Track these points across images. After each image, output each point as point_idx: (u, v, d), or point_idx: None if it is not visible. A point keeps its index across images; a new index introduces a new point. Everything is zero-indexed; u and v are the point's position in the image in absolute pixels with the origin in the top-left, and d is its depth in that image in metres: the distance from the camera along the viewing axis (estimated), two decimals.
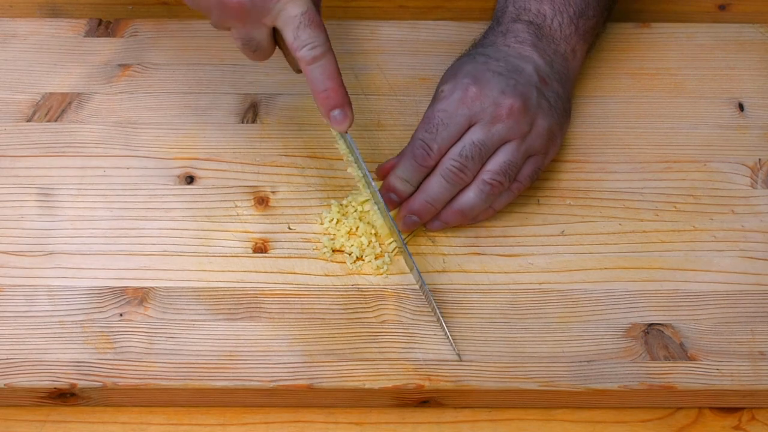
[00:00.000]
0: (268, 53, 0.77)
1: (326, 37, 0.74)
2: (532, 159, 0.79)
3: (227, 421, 0.74)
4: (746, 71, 0.92)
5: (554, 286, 0.78)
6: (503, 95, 0.77)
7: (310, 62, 0.74)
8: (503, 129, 0.77)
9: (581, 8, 0.84)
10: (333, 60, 0.74)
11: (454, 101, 0.77)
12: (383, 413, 0.75)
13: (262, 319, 0.76)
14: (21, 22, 0.94)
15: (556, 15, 0.84)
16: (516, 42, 0.82)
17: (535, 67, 0.80)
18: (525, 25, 0.83)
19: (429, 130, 0.77)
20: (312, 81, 0.74)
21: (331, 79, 0.74)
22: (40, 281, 0.77)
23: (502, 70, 0.79)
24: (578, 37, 0.84)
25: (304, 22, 0.73)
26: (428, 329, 0.75)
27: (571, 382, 0.73)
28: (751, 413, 0.75)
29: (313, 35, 0.73)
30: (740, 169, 0.85)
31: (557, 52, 0.83)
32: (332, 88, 0.74)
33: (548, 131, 0.79)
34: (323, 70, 0.74)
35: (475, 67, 0.79)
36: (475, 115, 0.77)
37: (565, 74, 0.83)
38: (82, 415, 0.74)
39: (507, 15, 0.84)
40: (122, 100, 0.88)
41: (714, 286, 0.78)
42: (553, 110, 0.80)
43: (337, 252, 0.79)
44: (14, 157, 0.84)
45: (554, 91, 0.81)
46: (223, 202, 0.82)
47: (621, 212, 0.82)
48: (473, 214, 0.79)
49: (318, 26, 0.73)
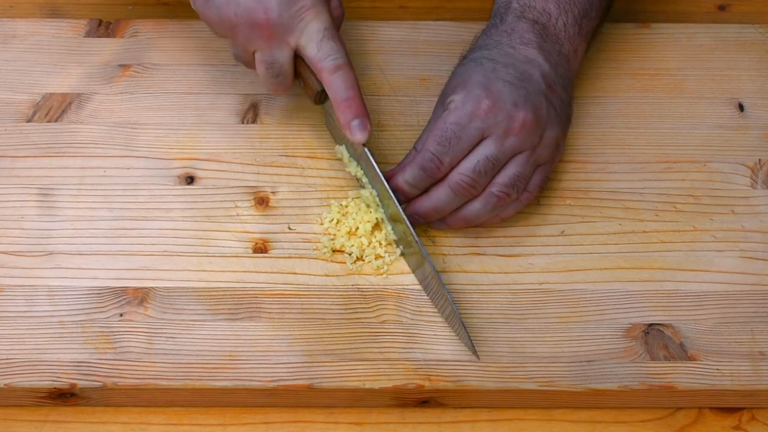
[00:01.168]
0: (289, 80, 0.81)
1: (346, 51, 0.78)
2: (541, 168, 0.79)
3: (227, 421, 0.74)
4: (746, 71, 0.92)
5: (554, 286, 0.78)
6: (516, 108, 0.76)
7: (332, 71, 0.77)
8: (515, 142, 0.76)
9: (585, 8, 0.84)
10: (353, 72, 0.78)
11: (467, 114, 0.76)
12: (383, 413, 0.75)
13: (262, 319, 0.76)
14: (21, 23, 0.94)
15: (561, 14, 0.83)
16: (521, 43, 0.81)
17: (541, 73, 0.80)
18: (530, 24, 0.82)
19: (441, 143, 0.76)
20: (334, 90, 0.78)
21: (352, 89, 0.78)
22: (40, 281, 0.77)
23: (512, 78, 0.78)
24: (581, 37, 0.84)
25: (327, 36, 0.77)
26: (428, 329, 0.75)
27: (571, 382, 0.73)
28: (751, 413, 0.75)
29: (334, 48, 0.78)
30: (740, 169, 0.85)
31: (561, 53, 0.83)
32: (353, 98, 0.78)
33: (555, 141, 0.79)
34: (344, 80, 0.78)
35: (486, 76, 0.78)
36: (488, 129, 0.76)
37: (567, 77, 0.83)
38: (82, 415, 0.74)
39: (511, 11, 0.83)
40: (122, 100, 0.88)
41: (714, 286, 0.78)
42: (559, 119, 0.80)
43: (337, 252, 0.79)
44: (14, 157, 0.84)
45: (559, 97, 0.81)
46: (223, 203, 0.82)
47: (621, 212, 0.82)
48: (478, 221, 0.79)
49: (339, 41, 0.78)
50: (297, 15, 0.77)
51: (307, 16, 0.77)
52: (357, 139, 0.78)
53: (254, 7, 0.76)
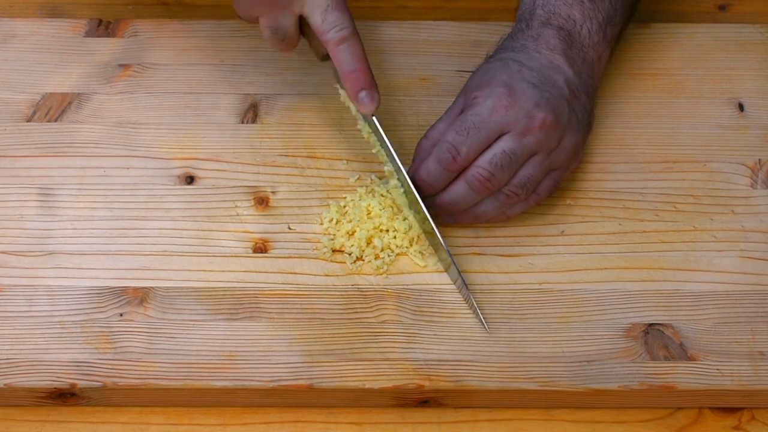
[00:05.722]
0: (295, 42, 0.79)
1: (352, 21, 0.76)
2: (553, 173, 0.79)
3: (227, 421, 0.74)
4: (746, 71, 0.92)
5: (554, 286, 0.78)
6: (537, 108, 0.76)
7: (338, 43, 0.76)
8: (533, 141, 0.76)
9: (610, 14, 0.84)
10: (359, 42, 0.76)
11: (488, 108, 0.76)
12: (383, 413, 0.75)
13: (262, 319, 0.76)
14: (21, 22, 0.94)
15: (585, 21, 0.83)
16: (547, 49, 0.81)
17: (565, 80, 0.80)
18: (555, 30, 0.82)
19: (460, 132, 0.76)
20: (340, 62, 0.76)
21: (360, 61, 0.76)
22: (40, 281, 0.77)
23: (536, 81, 0.78)
24: (605, 44, 0.84)
25: (332, 6, 0.75)
26: (428, 329, 0.75)
27: (571, 382, 0.73)
28: (751, 413, 0.75)
29: (340, 18, 0.75)
30: (740, 169, 0.85)
31: (585, 60, 0.82)
32: (360, 69, 0.76)
33: (574, 147, 0.79)
34: (351, 51, 0.76)
35: (510, 75, 0.78)
36: (507, 125, 0.76)
37: (591, 84, 0.83)
38: (82, 415, 0.74)
39: (536, 18, 0.83)
40: (122, 100, 0.88)
41: (714, 286, 0.78)
42: (580, 125, 0.80)
43: (337, 252, 0.79)
44: (14, 157, 0.84)
45: (582, 104, 0.80)
46: (223, 202, 0.82)
47: (621, 212, 0.82)
48: (485, 218, 0.79)
49: (344, 10, 0.76)
50: None
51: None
52: (365, 111, 0.77)
53: None
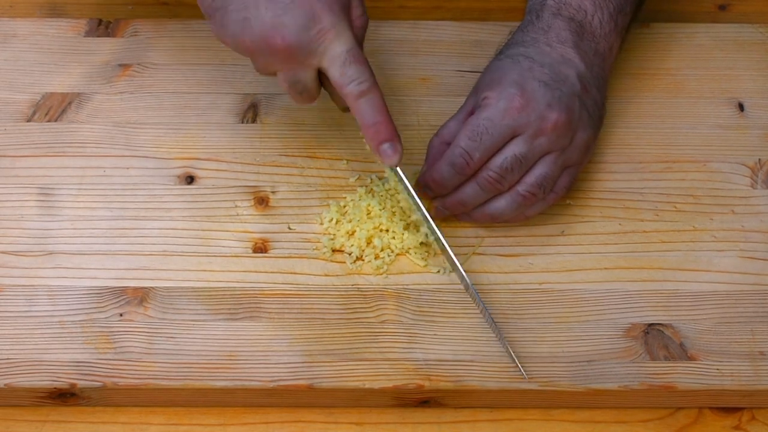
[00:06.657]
0: (315, 95, 0.77)
1: (372, 73, 0.74)
2: (569, 170, 0.79)
3: (227, 421, 0.74)
4: (746, 71, 0.92)
5: (554, 286, 0.78)
6: (549, 108, 0.76)
7: (358, 96, 0.74)
8: (545, 142, 0.76)
9: (620, 4, 0.84)
10: (380, 94, 0.74)
11: (500, 111, 0.76)
12: (383, 413, 0.75)
13: (262, 319, 0.76)
14: (21, 22, 0.94)
15: (596, 11, 0.82)
16: (558, 42, 0.81)
17: (577, 74, 0.79)
18: (566, 21, 0.82)
19: (472, 138, 0.76)
20: (361, 115, 0.74)
21: (381, 113, 0.74)
22: (40, 281, 0.77)
23: (548, 79, 0.78)
24: (616, 34, 0.84)
25: (350, 59, 0.73)
26: (428, 329, 0.75)
27: (571, 382, 0.73)
28: (751, 413, 0.75)
29: (359, 71, 0.73)
30: (740, 169, 0.85)
31: (597, 51, 0.82)
32: (381, 122, 0.74)
33: (586, 143, 0.79)
34: (371, 104, 0.74)
35: (521, 74, 0.78)
36: (519, 127, 0.76)
37: (602, 77, 0.83)
38: (82, 415, 0.74)
39: (547, 8, 0.83)
40: (122, 100, 0.88)
41: (714, 286, 0.78)
42: (591, 120, 0.79)
43: (337, 252, 0.79)
44: (14, 157, 0.84)
45: (593, 98, 0.80)
46: (223, 202, 0.82)
47: (621, 212, 0.82)
48: (503, 219, 0.79)
49: (363, 63, 0.74)
50: (316, 38, 0.72)
51: (326, 38, 0.72)
52: (389, 163, 0.75)
53: (270, 34, 0.72)
